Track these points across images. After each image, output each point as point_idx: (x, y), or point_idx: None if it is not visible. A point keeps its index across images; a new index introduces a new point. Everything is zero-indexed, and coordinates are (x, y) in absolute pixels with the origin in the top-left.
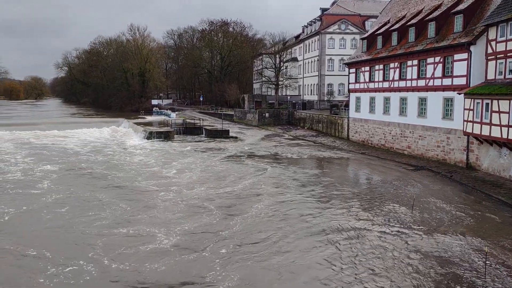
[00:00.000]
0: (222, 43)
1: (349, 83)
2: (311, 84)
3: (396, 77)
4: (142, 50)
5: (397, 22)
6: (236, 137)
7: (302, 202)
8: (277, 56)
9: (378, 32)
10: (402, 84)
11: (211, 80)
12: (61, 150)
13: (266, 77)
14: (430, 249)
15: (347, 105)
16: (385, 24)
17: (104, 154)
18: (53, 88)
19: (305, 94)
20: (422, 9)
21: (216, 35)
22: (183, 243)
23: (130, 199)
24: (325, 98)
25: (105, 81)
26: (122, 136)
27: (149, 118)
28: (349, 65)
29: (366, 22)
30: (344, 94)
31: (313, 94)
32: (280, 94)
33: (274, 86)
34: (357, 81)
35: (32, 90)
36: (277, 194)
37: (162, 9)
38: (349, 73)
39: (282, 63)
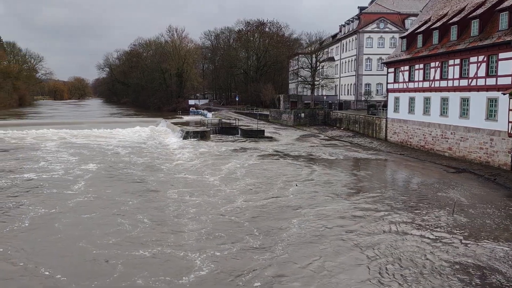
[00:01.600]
0: (258, 43)
1: (387, 83)
2: (348, 84)
3: (437, 76)
4: (180, 51)
5: (438, 20)
6: (271, 137)
7: (338, 205)
8: (313, 55)
9: (418, 30)
10: (443, 84)
11: (247, 80)
12: (101, 149)
13: (302, 77)
14: (471, 255)
15: (385, 105)
16: (425, 22)
17: (141, 154)
18: (95, 88)
19: (341, 94)
20: (465, 7)
21: (252, 35)
22: (218, 270)
23: (160, 208)
24: (362, 98)
25: (144, 82)
26: (160, 136)
27: (186, 118)
28: (388, 64)
29: (405, 20)
30: (382, 94)
31: (350, 94)
32: (316, 94)
33: (310, 86)
34: (396, 80)
35: (75, 91)
36: (314, 199)
37: (200, 11)
38: (387, 72)
39: (318, 63)
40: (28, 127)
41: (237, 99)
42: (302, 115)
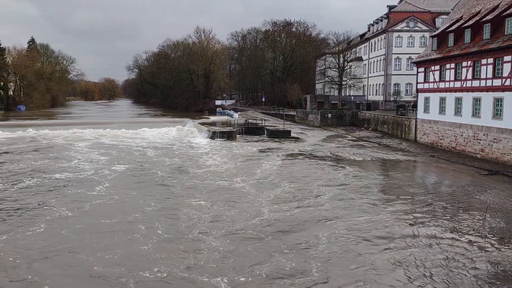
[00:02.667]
0: (285, 44)
1: (417, 83)
2: (376, 84)
3: (469, 76)
4: (207, 52)
5: (470, 18)
6: (297, 138)
7: (367, 210)
8: (341, 55)
9: (449, 29)
10: (475, 83)
11: (273, 80)
12: (129, 149)
13: (329, 77)
14: (505, 260)
15: (414, 106)
16: (457, 20)
17: (168, 155)
18: (124, 89)
19: (369, 94)
20: (499, 4)
21: (279, 35)
22: None
23: (180, 217)
24: (391, 99)
25: (172, 82)
26: (186, 136)
27: (212, 118)
28: (418, 64)
29: (436, 19)
30: (411, 94)
31: (378, 94)
32: (343, 95)
33: (337, 86)
34: (426, 80)
35: (106, 91)
36: (344, 205)
37: (226, 12)
38: (417, 72)
39: (346, 63)
40: (60, 127)
41: (263, 100)
42: (329, 115)
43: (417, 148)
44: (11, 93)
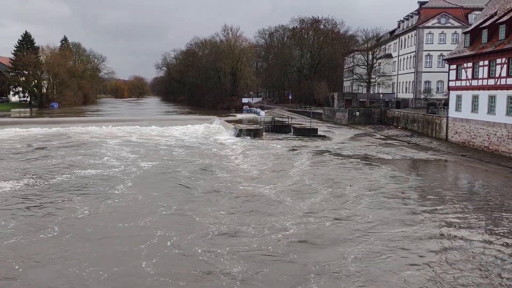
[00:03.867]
0: (312, 41)
1: (449, 80)
2: (406, 82)
3: (504, 73)
4: (234, 49)
5: (505, 14)
6: (324, 136)
7: (403, 218)
8: (370, 52)
9: (483, 25)
10: (510, 81)
11: (300, 78)
12: (156, 146)
13: (358, 75)
14: None
15: (446, 104)
16: (491, 16)
17: (194, 153)
18: (153, 87)
19: (399, 92)
20: None
21: (306, 33)
22: None
23: (198, 226)
24: (422, 96)
25: (200, 80)
26: (213, 134)
27: (239, 116)
28: (450, 61)
29: (469, 15)
30: (443, 92)
31: (408, 92)
32: (372, 92)
33: (365, 84)
34: (458, 78)
35: (135, 89)
36: (378, 215)
37: (253, 10)
38: (449, 69)
39: (375, 60)
40: (91, 124)
41: (290, 97)
42: (357, 113)
43: (448, 147)
44: (45, 90)
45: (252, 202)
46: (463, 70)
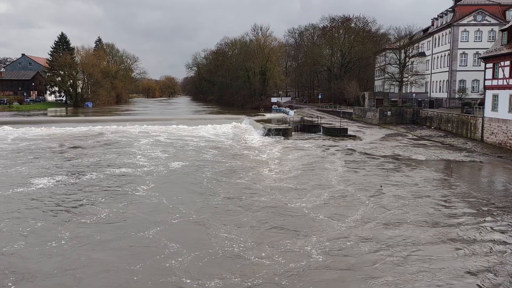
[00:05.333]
0: (343, 40)
1: (485, 79)
2: (440, 81)
3: None
4: (263, 49)
5: None
6: (354, 136)
7: (431, 213)
8: (402, 51)
9: None
10: None
11: (330, 77)
12: (185, 145)
13: (389, 74)
14: None
15: (481, 103)
16: None
17: (222, 153)
18: (183, 86)
19: (432, 92)
20: None
21: (337, 31)
22: None
23: (215, 239)
24: (456, 96)
25: (229, 80)
26: (242, 133)
27: (268, 115)
28: (486, 59)
29: (506, 12)
30: (478, 92)
31: (442, 92)
32: (404, 92)
33: (397, 83)
34: (495, 77)
35: (166, 89)
36: (422, 232)
37: (282, 9)
38: (485, 68)
39: (407, 59)
40: (124, 123)
41: (319, 97)
42: (389, 113)
43: (484, 148)
44: (79, 90)
45: (278, 214)
46: (500, 69)
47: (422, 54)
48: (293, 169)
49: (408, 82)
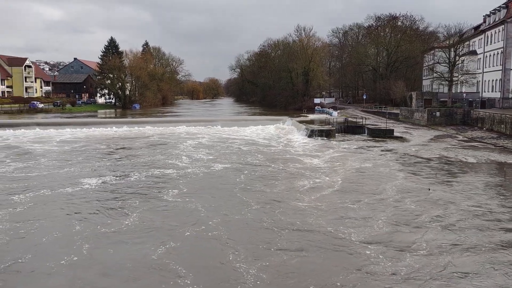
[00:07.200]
0: (389, 39)
1: None
2: (493, 80)
3: None
4: (307, 50)
5: None
6: (401, 137)
7: (484, 221)
8: (452, 49)
9: None
10: None
11: (375, 77)
12: (227, 147)
13: (438, 73)
14: None
15: None
16: None
17: (264, 155)
18: (227, 88)
19: (484, 91)
20: None
21: (383, 30)
22: None
23: (237, 264)
24: (510, 96)
25: (272, 81)
26: (285, 134)
27: (311, 116)
28: None
29: None
30: None
31: (495, 91)
32: (454, 91)
33: (447, 82)
34: None
35: (210, 91)
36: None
37: (325, 9)
38: None
39: (457, 57)
40: (170, 124)
41: (364, 97)
42: (437, 114)
43: None
44: (128, 92)
45: (315, 235)
46: None
47: (473, 53)
48: (337, 176)
49: (458, 82)
